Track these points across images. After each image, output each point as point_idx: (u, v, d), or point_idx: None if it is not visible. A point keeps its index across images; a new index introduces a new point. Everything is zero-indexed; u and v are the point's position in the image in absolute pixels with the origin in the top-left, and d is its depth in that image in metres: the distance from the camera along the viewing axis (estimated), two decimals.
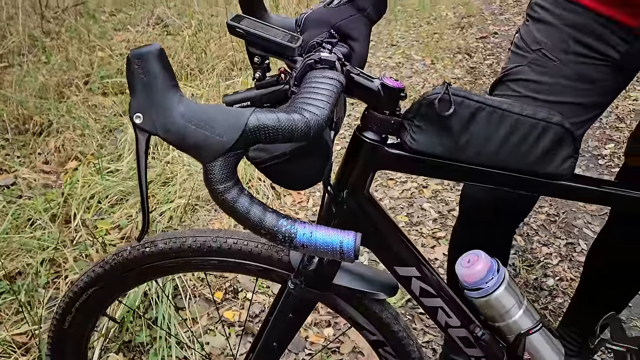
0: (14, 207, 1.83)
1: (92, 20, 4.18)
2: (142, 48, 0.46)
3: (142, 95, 0.47)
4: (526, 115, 0.64)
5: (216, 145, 0.47)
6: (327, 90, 0.54)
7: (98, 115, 2.62)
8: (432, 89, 0.63)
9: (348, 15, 0.70)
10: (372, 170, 0.69)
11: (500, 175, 0.67)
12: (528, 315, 0.76)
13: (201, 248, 0.78)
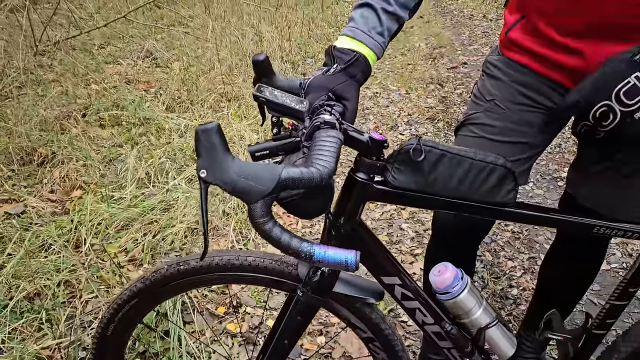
0: (29, 234, 1.99)
1: (83, 54, 4.35)
2: (206, 124, 0.66)
3: (205, 157, 0.66)
4: (478, 160, 0.85)
5: (258, 192, 0.67)
6: (332, 147, 0.75)
7: (98, 146, 2.79)
8: (407, 140, 0.85)
9: (342, 80, 0.91)
10: (363, 202, 0.90)
11: (461, 204, 0.88)
12: (486, 313, 0.97)
13: (226, 265, 0.97)
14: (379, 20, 0.94)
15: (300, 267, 0.96)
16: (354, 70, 0.92)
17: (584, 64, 1.00)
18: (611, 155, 1.08)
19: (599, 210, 1.08)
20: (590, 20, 0.97)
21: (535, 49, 1.10)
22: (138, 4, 5.82)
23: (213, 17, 4.59)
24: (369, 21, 0.94)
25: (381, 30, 0.95)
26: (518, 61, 1.15)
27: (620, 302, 0.96)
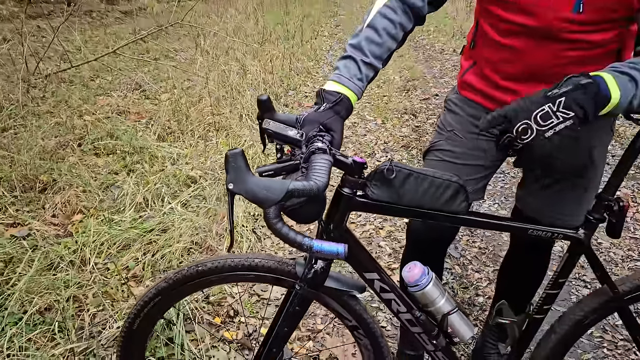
0: (38, 254, 2.15)
1: (75, 86, 4.55)
2: (234, 150, 0.89)
3: (232, 174, 0.89)
4: (436, 178, 1.09)
5: (271, 199, 0.89)
6: (325, 166, 0.97)
7: (95, 173, 2.97)
8: (382, 163, 1.08)
9: (330, 116, 1.15)
10: (348, 212, 1.13)
11: (425, 213, 1.11)
12: (448, 302, 1.20)
13: (237, 266, 1.18)
14: (359, 69, 1.19)
15: (298, 266, 1.18)
16: (339, 108, 1.15)
17: None
18: (533, 170, 1.35)
19: (539, 219, 1.33)
20: (526, 69, 1.24)
21: (484, 90, 1.36)
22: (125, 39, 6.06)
23: (199, 51, 4.84)
24: (351, 70, 1.18)
25: (360, 77, 1.19)
26: (472, 99, 1.41)
27: (553, 290, 1.20)
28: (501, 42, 1.24)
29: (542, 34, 1.16)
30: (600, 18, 1.10)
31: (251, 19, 6.98)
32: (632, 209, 2.92)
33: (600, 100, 0.95)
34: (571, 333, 1.24)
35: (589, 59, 1.16)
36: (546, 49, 1.18)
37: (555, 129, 0.95)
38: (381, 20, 1.20)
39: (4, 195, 2.64)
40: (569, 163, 1.33)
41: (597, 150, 1.32)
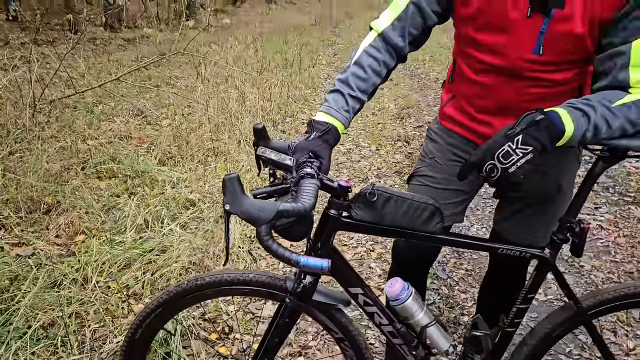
0: (42, 272, 2.25)
1: (79, 112, 4.69)
2: (230, 175, 1.01)
3: (229, 196, 1.00)
4: (415, 200, 1.21)
5: (264, 219, 1.00)
6: (312, 190, 1.09)
7: (97, 196, 3.08)
8: (365, 186, 1.20)
9: (319, 144, 1.26)
10: (334, 232, 1.24)
11: (404, 232, 1.23)
12: (427, 315, 1.30)
13: (233, 280, 1.29)
14: (346, 102, 1.31)
15: (288, 281, 1.28)
16: (327, 137, 1.27)
17: (494, 132, 1.40)
18: (504, 195, 1.49)
19: (514, 240, 1.44)
20: (497, 103, 1.38)
21: (462, 121, 1.49)
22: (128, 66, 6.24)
23: (200, 79, 5.01)
24: (339, 103, 1.31)
25: (347, 109, 1.32)
26: (451, 129, 1.54)
27: (523, 305, 1.31)
28: (475, 79, 1.38)
29: (509, 72, 1.30)
30: (559, 59, 1.24)
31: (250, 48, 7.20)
32: (614, 234, 3.04)
33: (555, 134, 1.07)
34: (540, 345, 1.34)
35: (551, 95, 1.29)
36: (513, 85, 1.31)
37: (517, 165, 1.07)
38: (367, 58, 1.34)
39: (10, 216, 2.74)
40: (540, 192, 1.47)
41: (565, 180, 1.45)
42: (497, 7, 1.23)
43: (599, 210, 3.36)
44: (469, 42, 1.35)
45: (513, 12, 1.21)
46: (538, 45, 1.22)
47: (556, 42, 1.21)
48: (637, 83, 1.12)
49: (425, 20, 1.33)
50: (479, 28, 1.29)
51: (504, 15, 1.22)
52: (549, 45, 1.22)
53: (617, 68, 1.14)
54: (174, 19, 13.38)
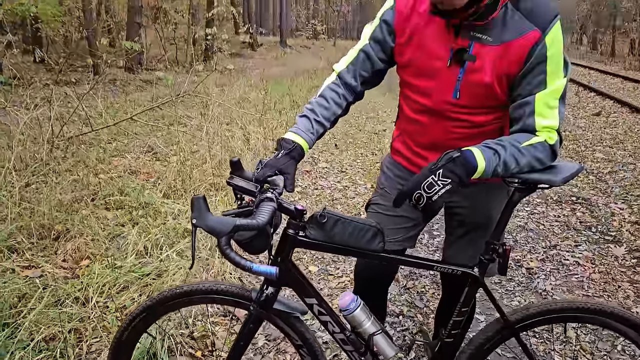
0: (48, 291, 2.46)
1: (93, 148, 5.01)
2: (197, 196, 1.23)
3: (196, 212, 1.22)
4: (359, 222, 1.41)
5: (223, 231, 1.21)
6: (268, 210, 1.30)
7: (104, 225, 3.32)
8: (317, 210, 1.41)
9: (285, 161, 1.46)
10: (292, 248, 1.43)
11: (351, 250, 1.43)
12: (374, 325, 1.48)
13: (207, 290, 1.49)
14: (312, 125, 1.52)
15: (253, 292, 1.48)
16: (293, 154, 1.46)
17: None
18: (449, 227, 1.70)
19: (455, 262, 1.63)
20: (430, 140, 1.59)
21: (406, 155, 1.71)
22: (143, 106, 6.62)
23: (208, 119, 5.33)
24: (306, 125, 1.52)
25: (312, 131, 1.52)
26: (398, 162, 1.76)
27: (458, 318, 1.49)
28: (414, 117, 1.61)
29: (436, 113, 1.53)
30: (474, 103, 1.47)
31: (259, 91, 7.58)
32: (589, 270, 3.17)
33: (469, 168, 1.29)
34: (475, 355, 1.50)
35: (473, 135, 1.50)
36: (441, 125, 1.54)
37: (438, 194, 1.28)
38: (329, 92, 1.58)
39: (23, 241, 2.99)
40: (474, 222, 1.68)
41: (495, 211, 1.64)
42: (425, 58, 1.47)
43: (578, 248, 3.51)
44: (407, 86, 1.59)
45: (437, 62, 1.45)
46: (456, 90, 1.45)
47: (470, 88, 1.44)
48: (541, 128, 1.35)
49: (373, 65, 1.57)
50: (412, 74, 1.53)
51: (430, 64, 1.46)
52: (464, 91, 1.45)
53: (526, 115, 1.37)
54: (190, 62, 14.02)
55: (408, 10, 1.48)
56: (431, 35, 1.45)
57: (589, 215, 4.12)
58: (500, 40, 1.36)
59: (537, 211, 4.26)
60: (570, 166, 1.39)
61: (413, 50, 1.49)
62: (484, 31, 1.37)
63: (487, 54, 1.38)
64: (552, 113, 1.35)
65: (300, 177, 5.13)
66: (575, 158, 6.03)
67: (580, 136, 7.21)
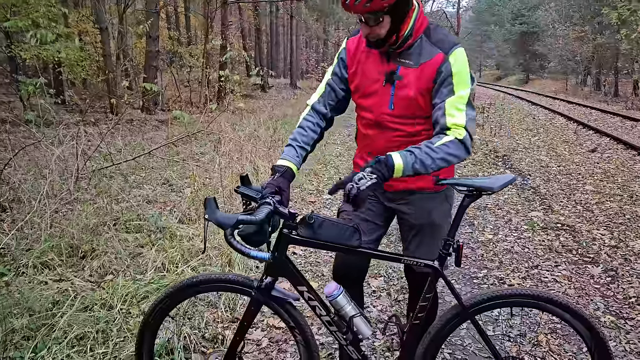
0: (77, 299, 2.81)
1: (114, 180, 5.44)
2: (209, 197, 1.60)
3: (208, 209, 1.57)
4: (341, 223, 1.77)
5: (228, 224, 1.56)
6: (264, 211, 1.64)
7: (125, 245, 3.69)
8: (308, 213, 1.76)
9: (281, 181, 1.83)
10: (287, 244, 1.78)
11: (334, 246, 1.78)
12: (354, 309, 1.81)
13: (217, 279, 1.83)
14: (296, 151, 1.92)
15: (255, 281, 1.83)
16: (286, 175, 1.86)
17: None
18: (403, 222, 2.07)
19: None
20: (377, 149, 1.94)
21: (362, 165, 2.04)
22: (159, 143, 7.08)
23: (220, 154, 5.76)
24: (291, 152, 1.92)
25: (297, 155, 1.92)
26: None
27: (423, 303, 1.80)
28: (364, 132, 2.01)
29: (378, 124, 1.93)
30: (406, 113, 1.88)
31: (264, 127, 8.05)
32: (566, 286, 3.45)
33: (390, 167, 1.67)
34: (438, 335, 1.81)
35: (411, 143, 1.83)
36: (383, 135, 1.94)
37: (365, 185, 1.62)
38: (305, 122, 2.01)
39: (54, 259, 3.36)
40: (420, 224, 2.02)
41: (437, 216, 1.99)
42: (367, 82, 1.92)
43: (558, 268, 3.80)
44: (358, 107, 2.01)
45: (375, 84, 1.90)
46: (391, 103, 1.88)
47: (400, 101, 1.86)
48: (451, 124, 1.75)
49: (336, 94, 2.02)
50: (360, 96, 1.97)
51: (371, 86, 1.91)
52: (397, 104, 1.88)
53: (439, 117, 1.78)
54: (204, 103, 14.66)
55: (354, 49, 1.96)
56: (370, 64, 1.91)
57: (572, 240, 4.41)
58: (418, 63, 1.82)
59: (524, 237, 4.56)
60: (507, 176, 1.75)
61: (359, 78, 1.94)
62: (406, 57, 1.84)
63: (410, 74, 1.83)
64: (459, 114, 1.74)
65: (305, 207, 5.49)
66: (565, 190, 6.34)
67: (573, 170, 7.53)
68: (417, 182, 1.95)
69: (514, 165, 8.11)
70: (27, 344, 2.44)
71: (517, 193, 6.20)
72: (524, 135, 11.73)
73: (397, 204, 2.06)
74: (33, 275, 3.14)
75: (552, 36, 34.21)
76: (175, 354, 2.47)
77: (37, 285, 3.01)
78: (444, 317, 1.83)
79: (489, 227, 4.89)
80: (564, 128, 12.97)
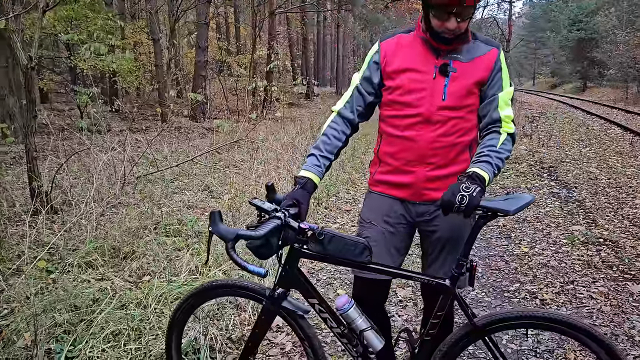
0: (115, 298, 3.00)
1: (157, 185, 5.70)
2: (214, 209, 1.68)
3: (212, 222, 1.65)
4: (350, 239, 1.80)
5: (228, 237, 1.61)
6: (269, 226, 1.67)
7: (164, 248, 3.88)
8: (317, 229, 1.82)
9: (300, 194, 1.88)
10: (298, 258, 1.83)
11: (344, 262, 1.83)
12: (365, 322, 1.84)
13: (234, 284, 1.93)
14: (318, 160, 1.95)
15: (268, 290, 1.90)
16: (307, 187, 1.90)
17: (416, 179, 1.97)
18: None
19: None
20: (416, 153, 1.91)
21: (387, 179, 2.02)
22: (202, 150, 7.34)
23: (257, 161, 5.93)
24: (313, 162, 1.95)
25: (319, 165, 1.95)
26: (379, 192, 2.07)
27: (435, 320, 1.80)
28: (399, 135, 1.94)
29: (425, 119, 1.88)
30: (457, 103, 1.87)
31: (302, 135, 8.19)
32: (601, 303, 3.35)
33: (481, 178, 1.73)
34: (447, 353, 1.82)
35: (452, 146, 1.89)
36: (427, 135, 1.88)
37: (475, 191, 1.66)
38: (330, 130, 2.02)
39: (97, 259, 3.58)
40: (450, 237, 2.01)
41: (465, 228, 1.97)
42: (414, 76, 1.91)
43: (595, 284, 3.68)
44: (395, 105, 1.94)
45: (424, 78, 1.89)
46: (444, 94, 1.88)
47: (454, 92, 1.87)
48: (505, 117, 1.85)
49: (364, 99, 2.01)
50: (402, 93, 1.92)
51: (419, 81, 1.90)
52: (450, 94, 1.88)
53: (492, 110, 1.86)
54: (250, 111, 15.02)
55: (393, 49, 1.95)
56: (417, 60, 1.91)
57: (613, 256, 4.26)
58: (471, 58, 1.89)
59: (562, 251, 4.44)
60: (524, 197, 1.73)
61: (403, 74, 1.92)
62: (457, 53, 1.89)
63: (464, 67, 1.88)
64: (508, 108, 1.87)
65: (340, 215, 5.55)
66: (613, 203, 6.10)
67: (624, 183, 7.23)
68: None
69: (560, 177, 7.87)
70: (67, 338, 2.63)
71: (560, 206, 6.03)
72: (575, 146, 11.32)
73: (426, 218, 2.03)
74: (77, 274, 3.36)
75: (611, 42, 32.78)
76: (202, 352, 2.60)
77: (80, 284, 3.22)
78: (455, 335, 1.82)
79: (526, 240, 4.79)
80: (619, 139, 12.42)
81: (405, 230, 2.06)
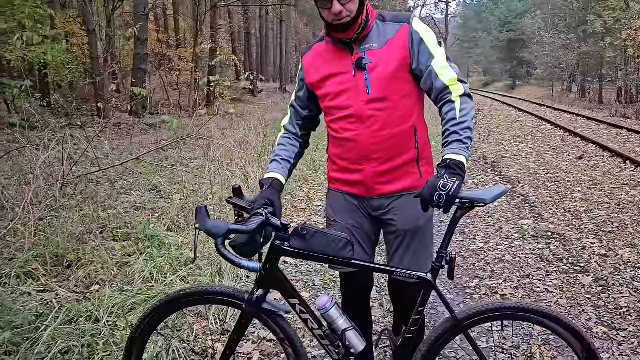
0: (63, 310, 2.74)
1: (101, 186, 5.35)
2: (201, 204, 1.56)
3: (198, 218, 1.53)
4: (332, 234, 1.73)
5: (219, 234, 1.52)
6: (255, 221, 1.61)
7: (112, 254, 3.61)
8: (298, 224, 1.73)
9: (270, 193, 1.82)
10: (279, 256, 1.74)
11: (327, 258, 1.74)
12: (346, 322, 1.77)
13: (206, 291, 1.79)
14: (279, 163, 1.96)
15: (246, 294, 1.78)
16: (275, 186, 1.86)
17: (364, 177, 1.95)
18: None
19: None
20: (360, 150, 1.91)
21: (342, 177, 2.03)
22: (148, 148, 6.99)
23: (210, 160, 5.70)
24: (275, 166, 1.95)
25: (282, 166, 1.95)
26: (338, 189, 2.08)
27: (416, 316, 1.77)
28: (342, 137, 1.95)
29: (359, 117, 1.89)
30: (385, 94, 1.85)
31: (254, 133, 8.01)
32: (558, 296, 3.45)
33: (459, 164, 1.69)
34: (430, 351, 1.77)
35: (393, 137, 1.88)
36: (366, 131, 1.89)
37: (454, 187, 1.60)
38: (283, 139, 2.08)
39: (38, 269, 3.27)
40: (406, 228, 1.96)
41: (422, 217, 1.95)
42: (336, 79, 1.92)
43: (549, 277, 3.79)
44: (331, 110, 1.96)
45: (345, 78, 1.89)
46: (367, 88, 1.86)
47: (377, 82, 1.86)
48: (449, 82, 1.81)
49: (299, 114, 2.08)
50: (332, 98, 1.94)
51: (341, 83, 1.90)
52: (374, 86, 1.86)
53: (433, 81, 1.83)
54: (193, 107, 14.56)
55: (311, 60, 2.00)
56: (334, 63, 1.92)
57: (562, 249, 4.42)
58: (384, 43, 1.86)
59: (515, 245, 4.56)
60: (499, 188, 1.73)
61: (326, 80, 1.94)
62: (368, 42, 1.87)
63: (380, 54, 1.86)
64: (447, 71, 1.82)
65: (296, 214, 5.45)
66: (554, 197, 6.37)
67: (561, 177, 7.58)
68: (403, 182, 1.95)
69: (503, 172, 8.15)
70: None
71: (507, 201, 6.22)
72: (512, 142, 11.81)
73: (382, 211, 2.00)
74: (16, 286, 3.06)
75: (538, 43, 34.62)
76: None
77: (20, 297, 2.93)
78: (436, 331, 1.80)
79: (480, 235, 4.89)
80: (551, 135, 13.08)
81: (368, 222, 2.07)
